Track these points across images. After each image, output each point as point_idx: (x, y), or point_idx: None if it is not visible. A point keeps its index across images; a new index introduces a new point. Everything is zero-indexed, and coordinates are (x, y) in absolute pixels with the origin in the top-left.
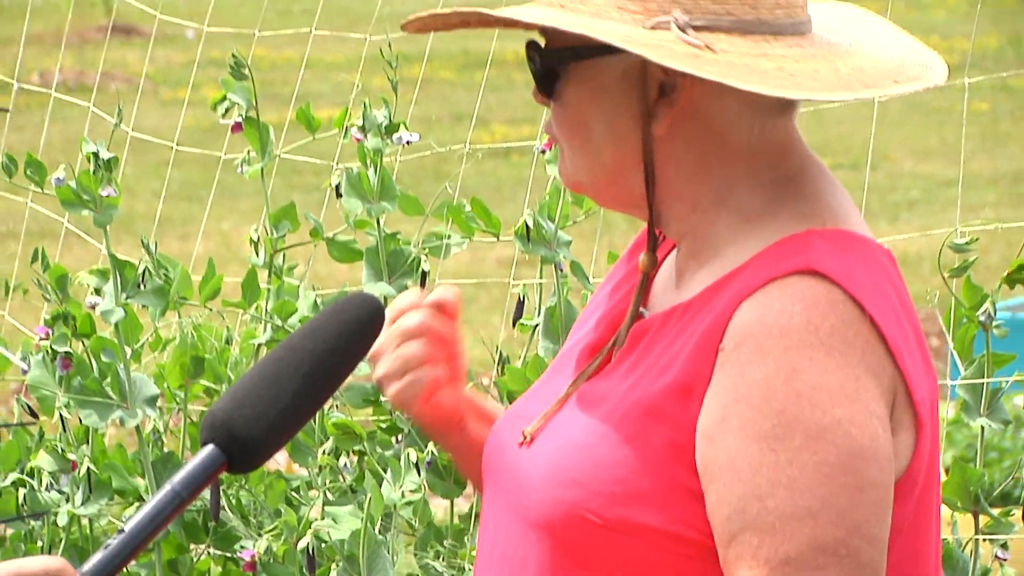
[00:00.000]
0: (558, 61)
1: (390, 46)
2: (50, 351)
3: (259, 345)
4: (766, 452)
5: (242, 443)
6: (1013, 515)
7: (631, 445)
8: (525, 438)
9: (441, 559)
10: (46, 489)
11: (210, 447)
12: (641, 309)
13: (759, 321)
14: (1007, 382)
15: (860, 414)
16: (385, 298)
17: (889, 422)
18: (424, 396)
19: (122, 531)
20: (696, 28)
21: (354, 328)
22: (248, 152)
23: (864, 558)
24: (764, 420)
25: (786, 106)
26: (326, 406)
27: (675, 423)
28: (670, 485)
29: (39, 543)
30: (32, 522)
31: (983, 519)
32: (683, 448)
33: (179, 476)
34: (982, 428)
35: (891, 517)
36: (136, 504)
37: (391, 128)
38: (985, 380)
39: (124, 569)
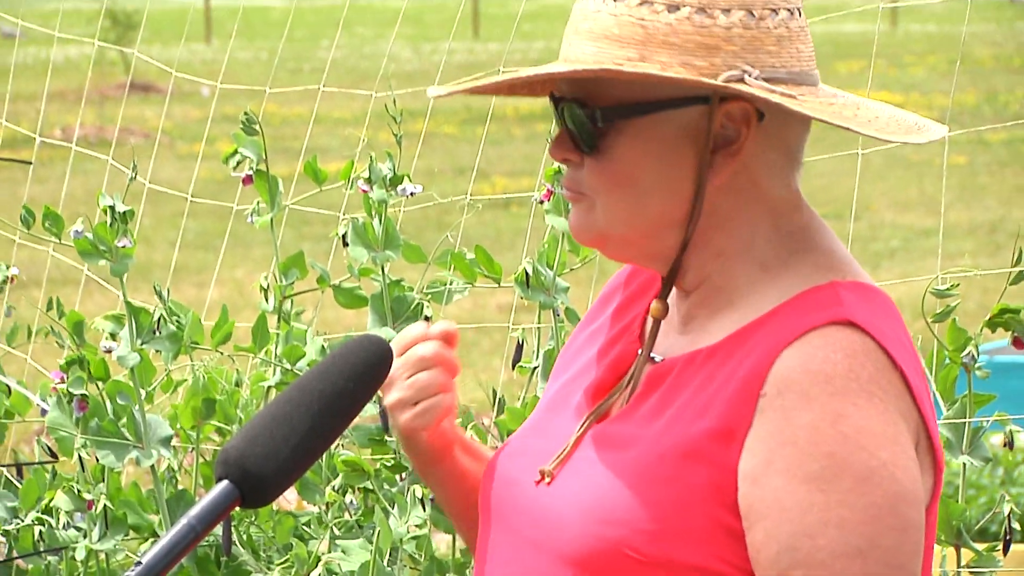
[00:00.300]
0: (618, 116)
1: (395, 102)
2: (67, 394)
3: (269, 388)
4: (815, 493)
5: (254, 479)
6: (997, 551)
7: (671, 485)
8: (544, 476)
9: None
10: (64, 526)
11: (224, 483)
12: (654, 354)
13: (803, 368)
14: (987, 421)
15: (901, 457)
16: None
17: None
18: (436, 423)
19: (139, 563)
20: (763, 80)
21: (362, 370)
22: (259, 203)
23: None
24: (812, 462)
25: (800, 160)
26: (334, 445)
27: (715, 465)
28: (709, 523)
29: None
30: (50, 557)
31: (966, 554)
32: (723, 489)
33: (194, 511)
34: (964, 465)
35: None
36: (151, 540)
37: (395, 180)
38: (967, 419)
39: None
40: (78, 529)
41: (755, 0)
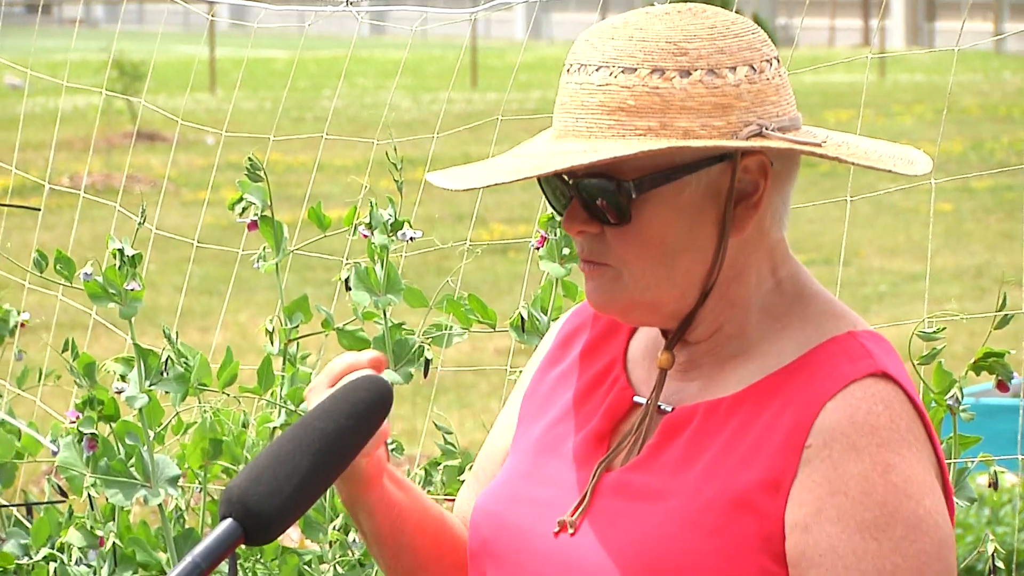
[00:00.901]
0: (650, 186)
1: (395, 150)
2: (77, 433)
3: (274, 428)
4: (869, 541)
5: (258, 517)
6: None
7: (719, 536)
8: (567, 528)
9: None
10: (76, 563)
11: (228, 521)
12: (660, 403)
13: (849, 420)
14: (972, 463)
15: (939, 504)
16: (391, 384)
17: None
18: (374, 448)
19: None
20: (777, 130)
21: (363, 409)
22: (264, 249)
23: None
24: (865, 511)
25: (790, 205)
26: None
27: (764, 515)
28: (757, 572)
29: None
30: None
31: None
32: (771, 538)
33: (199, 549)
34: None
35: None
36: None
37: (396, 226)
38: (953, 460)
39: None
40: (89, 566)
41: (753, 55)
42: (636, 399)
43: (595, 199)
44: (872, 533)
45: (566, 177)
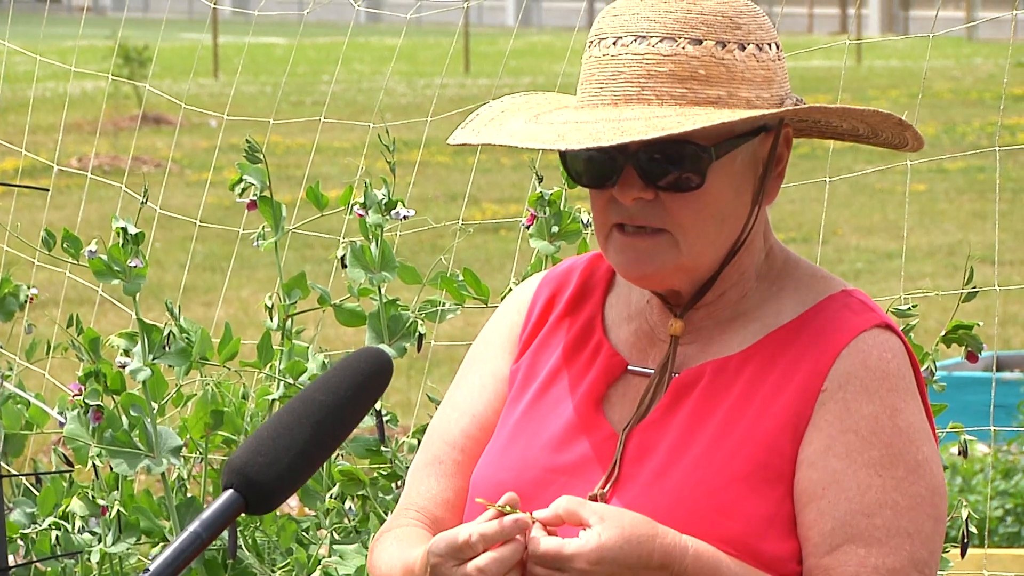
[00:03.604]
0: (725, 151)
1: (388, 132)
2: (84, 405)
3: (273, 400)
4: (873, 476)
5: (258, 487)
6: (949, 552)
7: (747, 481)
8: (599, 499)
9: None
10: (79, 531)
11: (230, 491)
12: (651, 367)
13: (862, 364)
14: (944, 432)
15: (935, 453)
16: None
17: None
18: None
19: (148, 570)
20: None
21: (362, 381)
22: (263, 227)
23: None
24: (872, 449)
25: None
26: (334, 455)
27: (785, 459)
28: (786, 516)
29: None
30: (66, 560)
31: None
32: (789, 479)
33: (202, 517)
34: None
35: None
36: (161, 544)
37: (390, 205)
38: None
39: None
40: (93, 533)
41: (773, 34)
42: (631, 368)
43: (669, 163)
44: (877, 470)
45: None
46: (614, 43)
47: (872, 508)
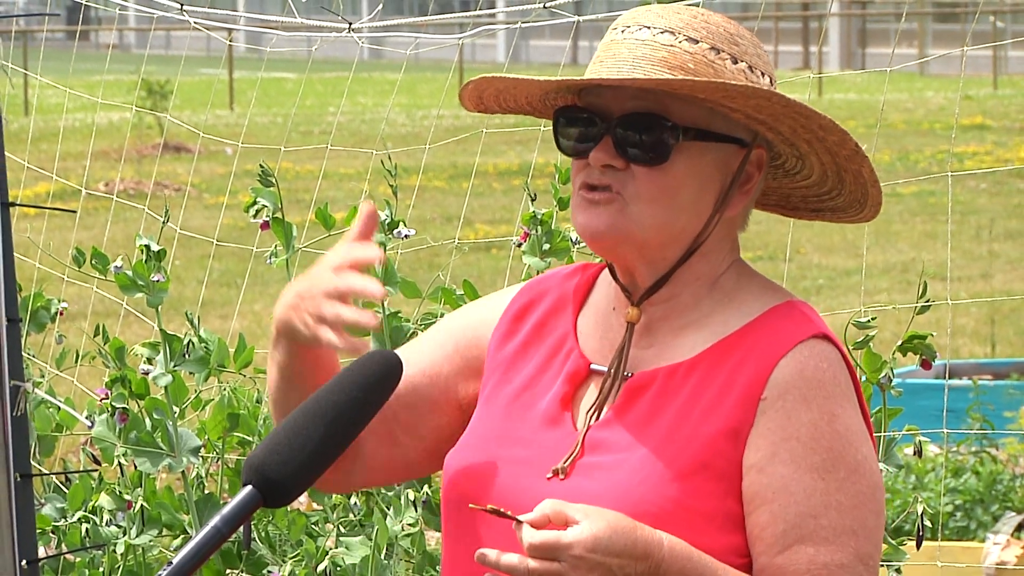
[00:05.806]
0: (692, 137)
1: (390, 158)
2: (110, 408)
3: None
4: (817, 480)
5: (275, 484)
6: (906, 545)
7: (689, 480)
8: (558, 474)
9: None
10: (106, 524)
11: (248, 488)
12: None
13: (799, 375)
14: (900, 434)
15: (872, 453)
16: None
17: None
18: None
19: (171, 563)
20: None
21: (373, 381)
22: (276, 246)
23: (876, 570)
24: (814, 455)
25: None
26: None
27: (727, 461)
28: (724, 515)
29: (100, 569)
30: (94, 552)
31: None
32: (733, 481)
33: (222, 513)
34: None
35: None
36: (182, 536)
37: (392, 225)
38: (883, 432)
39: None
40: (119, 527)
41: (770, 68)
42: (593, 367)
43: (641, 134)
44: (820, 474)
45: (611, 113)
46: (623, 31)
47: (818, 510)
